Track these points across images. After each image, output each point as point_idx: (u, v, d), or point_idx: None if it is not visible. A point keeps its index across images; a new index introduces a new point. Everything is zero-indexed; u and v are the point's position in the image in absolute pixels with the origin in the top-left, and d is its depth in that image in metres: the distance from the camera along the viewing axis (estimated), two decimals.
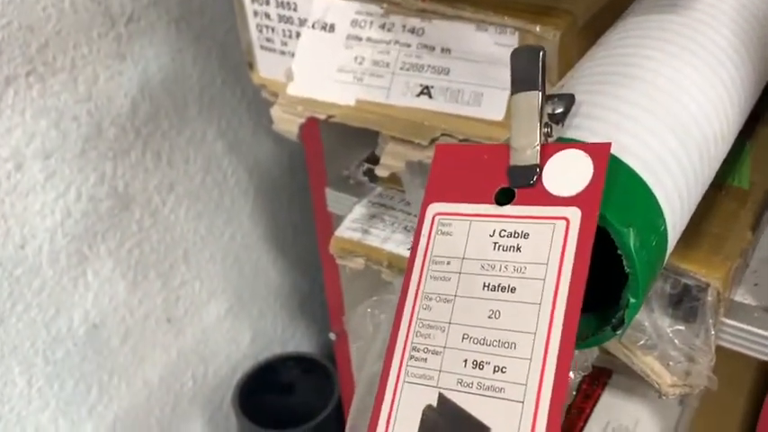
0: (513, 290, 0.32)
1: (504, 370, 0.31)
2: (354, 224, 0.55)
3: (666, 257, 0.37)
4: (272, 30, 0.54)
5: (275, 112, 0.51)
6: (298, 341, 1.07)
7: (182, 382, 0.90)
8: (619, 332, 0.35)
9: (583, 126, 0.36)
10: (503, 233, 0.33)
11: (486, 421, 0.31)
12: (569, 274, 0.31)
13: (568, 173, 0.32)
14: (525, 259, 0.32)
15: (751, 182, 0.54)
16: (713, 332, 0.48)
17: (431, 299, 0.34)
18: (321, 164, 0.69)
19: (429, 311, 0.34)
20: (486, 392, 0.31)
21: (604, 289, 0.35)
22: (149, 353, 0.84)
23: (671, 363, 0.49)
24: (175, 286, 0.85)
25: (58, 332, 0.74)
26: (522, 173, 0.33)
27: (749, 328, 0.53)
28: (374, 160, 0.53)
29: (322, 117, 0.49)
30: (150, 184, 0.78)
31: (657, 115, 0.37)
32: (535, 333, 0.31)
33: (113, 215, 0.76)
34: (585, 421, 0.75)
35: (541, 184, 0.33)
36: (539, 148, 0.33)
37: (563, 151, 0.33)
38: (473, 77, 0.46)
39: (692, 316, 0.49)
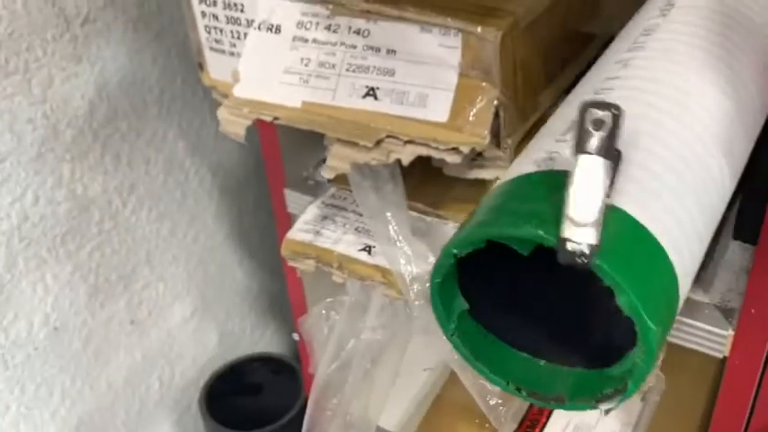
0: None
1: None
2: (306, 225, 0.55)
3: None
4: (221, 31, 0.54)
5: (221, 113, 0.50)
6: (267, 342, 1.06)
7: (147, 385, 0.90)
8: (627, 392, 0.34)
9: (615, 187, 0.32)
10: None
11: None
12: None
13: None
14: None
15: None
16: None
17: None
18: (279, 165, 0.69)
19: None
20: None
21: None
22: (113, 355, 0.84)
23: None
24: (138, 288, 0.85)
25: (18, 336, 0.73)
26: (575, 252, 0.29)
27: (701, 325, 0.54)
28: None
29: (268, 119, 0.49)
30: (110, 185, 0.78)
31: (683, 185, 0.35)
32: None
33: (72, 218, 0.75)
34: (548, 418, 0.75)
35: None
36: (599, 226, 0.28)
37: None
38: (418, 79, 0.46)
39: None
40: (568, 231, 0.28)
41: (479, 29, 0.43)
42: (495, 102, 0.44)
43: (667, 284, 0.33)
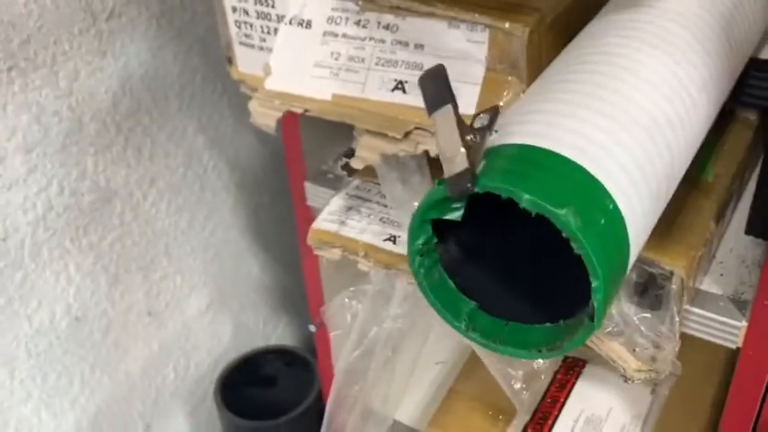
0: None
1: None
2: (332, 216, 0.56)
3: (633, 239, 0.37)
4: (251, 26, 0.55)
5: (253, 105, 0.52)
6: (280, 334, 1.08)
7: (163, 375, 0.91)
8: (595, 321, 0.35)
9: (514, 131, 0.37)
10: None
11: None
12: None
13: None
14: None
15: (715, 174, 0.56)
16: (678, 319, 0.50)
17: None
18: (300, 158, 0.70)
19: None
20: None
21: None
22: (131, 346, 0.85)
23: (637, 349, 0.51)
24: (156, 280, 0.86)
25: (41, 325, 0.75)
26: (458, 180, 0.34)
27: (715, 316, 0.55)
28: (352, 155, 0.54)
29: (299, 111, 0.50)
30: (131, 178, 0.79)
31: (593, 107, 0.38)
32: None
33: (95, 209, 0.76)
34: (560, 410, 0.77)
35: None
36: (465, 152, 0.34)
37: None
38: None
39: (658, 304, 0.50)
40: (447, 170, 0.34)
41: (507, 25, 0.45)
42: (522, 96, 0.45)
43: (568, 175, 0.35)
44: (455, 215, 0.35)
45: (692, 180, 0.55)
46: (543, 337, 0.38)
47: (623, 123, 0.38)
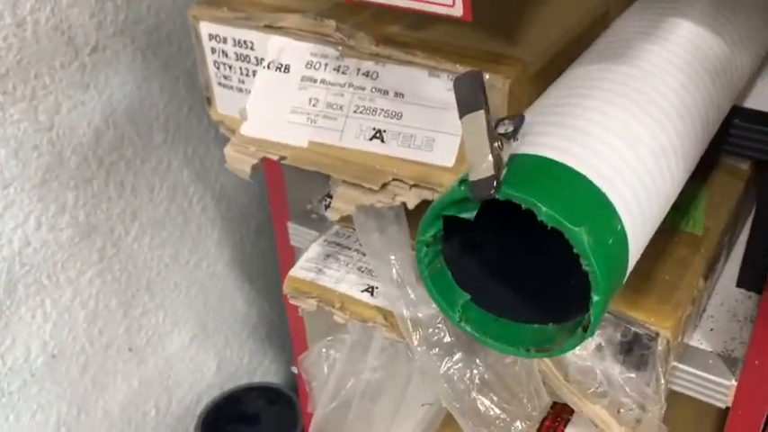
0: None
1: None
2: (309, 263, 0.55)
3: (631, 259, 0.38)
4: (230, 67, 0.54)
5: (228, 151, 0.50)
6: (265, 371, 1.06)
7: (144, 412, 0.89)
8: (588, 332, 0.36)
9: (536, 142, 0.37)
10: None
11: None
12: None
13: None
14: None
15: (705, 227, 0.54)
16: (663, 381, 0.48)
17: None
18: (283, 198, 0.69)
19: None
20: None
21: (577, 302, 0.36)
22: (110, 382, 0.83)
23: (622, 410, 0.49)
24: (137, 315, 0.84)
25: (14, 363, 0.73)
26: (482, 185, 0.34)
27: (703, 374, 0.53)
28: None
29: (274, 158, 0.49)
30: (113, 212, 0.78)
31: (608, 128, 0.38)
32: None
33: (74, 244, 0.75)
34: None
35: None
36: (492, 160, 0.34)
37: None
38: (425, 123, 0.46)
39: (643, 364, 0.49)
40: (472, 175, 0.35)
41: (488, 76, 0.43)
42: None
43: (585, 194, 0.36)
44: (469, 215, 0.36)
45: (681, 234, 0.54)
46: (532, 337, 0.39)
47: (634, 146, 0.39)
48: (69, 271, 0.75)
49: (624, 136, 0.38)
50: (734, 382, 0.53)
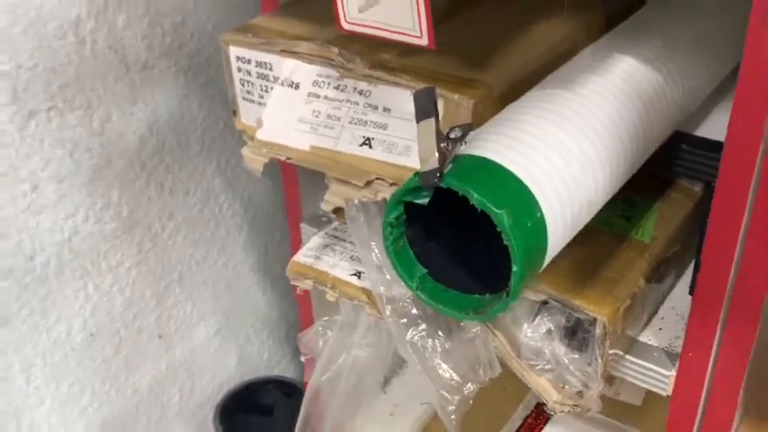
0: None
1: None
2: (309, 252, 0.64)
3: (551, 243, 0.46)
4: (252, 84, 0.64)
5: (245, 152, 0.60)
6: (283, 368, 1.14)
7: (169, 395, 0.98)
8: (510, 297, 0.44)
9: (479, 146, 0.47)
10: None
11: None
12: None
13: None
14: None
15: (653, 237, 0.62)
16: (601, 361, 0.56)
17: None
18: (297, 202, 0.78)
19: None
20: None
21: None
22: (140, 364, 0.93)
23: (566, 386, 0.57)
24: (168, 305, 0.94)
25: (58, 337, 0.83)
26: (429, 175, 0.43)
27: (648, 365, 0.61)
28: None
29: (282, 158, 0.59)
30: (152, 211, 0.88)
31: (542, 139, 0.47)
32: None
33: (116, 237, 0.85)
34: None
35: None
36: (438, 156, 0.43)
37: None
38: (406, 133, 0.55)
39: (585, 346, 0.57)
40: (422, 167, 0.43)
41: (456, 96, 0.53)
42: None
43: (511, 186, 0.44)
44: (423, 200, 0.45)
45: (630, 241, 0.62)
46: (473, 304, 0.48)
47: (563, 154, 0.47)
48: (110, 260, 0.85)
49: (555, 146, 0.47)
50: (673, 373, 0.60)
